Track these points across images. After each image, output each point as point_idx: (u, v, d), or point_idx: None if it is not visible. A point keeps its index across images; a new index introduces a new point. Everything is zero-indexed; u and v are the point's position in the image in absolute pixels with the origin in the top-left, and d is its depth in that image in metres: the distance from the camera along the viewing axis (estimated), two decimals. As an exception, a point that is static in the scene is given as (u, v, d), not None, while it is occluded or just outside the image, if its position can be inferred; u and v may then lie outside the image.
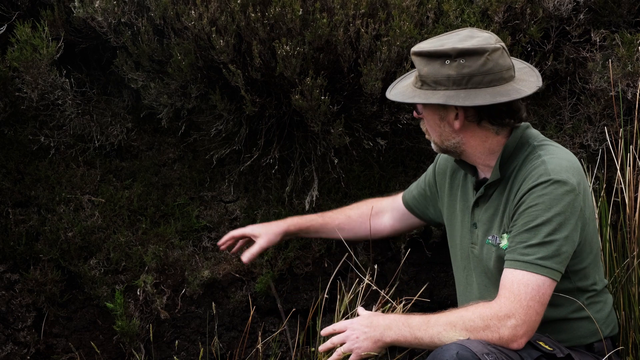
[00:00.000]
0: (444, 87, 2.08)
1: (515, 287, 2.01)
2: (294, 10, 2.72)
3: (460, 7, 2.91)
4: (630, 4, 3.03)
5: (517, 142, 2.17)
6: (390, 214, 2.68)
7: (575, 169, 2.10)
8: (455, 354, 1.90)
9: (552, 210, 2.03)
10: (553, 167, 2.07)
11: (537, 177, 2.07)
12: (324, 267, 3.03)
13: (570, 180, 2.05)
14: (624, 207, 2.65)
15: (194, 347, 3.06)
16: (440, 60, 2.07)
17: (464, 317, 2.02)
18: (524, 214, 2.06)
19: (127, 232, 3.07)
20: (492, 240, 2.19)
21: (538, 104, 3.09)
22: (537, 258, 2.01)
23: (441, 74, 2.07)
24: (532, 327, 2.00)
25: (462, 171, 2.35)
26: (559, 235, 2.02)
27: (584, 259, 2.15)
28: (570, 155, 2.15)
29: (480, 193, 2.23)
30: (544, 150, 2.14)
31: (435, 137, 2.22)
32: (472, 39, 2.09)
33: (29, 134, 3.08)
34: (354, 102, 2.94)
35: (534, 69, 2.21)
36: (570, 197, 2.04)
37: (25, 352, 3.00)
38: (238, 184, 3.14)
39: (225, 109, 2.92)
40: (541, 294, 2.00)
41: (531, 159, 2.13)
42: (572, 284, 2.14)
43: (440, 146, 2.23)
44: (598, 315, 2.18)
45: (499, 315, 1.99)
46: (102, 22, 2.88)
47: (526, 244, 2.03)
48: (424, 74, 2.10)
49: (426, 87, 2.11)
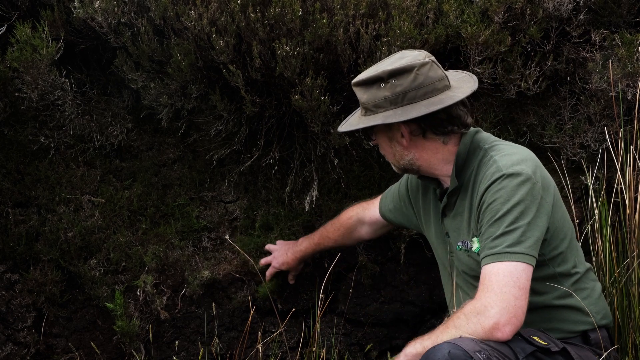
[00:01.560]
0: (383, 109, 2.21)
1: (487, 279, 2.05)
2: (294, 11, 2.72)
3: (460, 8, 2.91)
4: (630, 4, 3.03)
5: (467, 148, 2.26)
6: (368, 225, 2.83)
7: (529, 160, 2.17)
8: (447, 352, 1.91)
9: (511, 201, 2.09)
10: (504, 163, 2.15)
11: (491, 176, 2.14)
12: (324, 267, 3.03)
13: (524, 171, 2.12)
14: (624, 207, 2.65)
15: (194, 347, 3.06)
16: (376, 85, 2.21)
17: (452, 319, 2.07)
18: (486, 212, 2.13)
19: (127, 232, 3.07)
20: (463, 246, 2.26)
21: (538, 104, 3.09)
22: (504, 247, 2.05)
23: (378, 97, 2.21)
24: (513, 313, 2.00)
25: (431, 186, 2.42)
26: (521, 222, 2.07)
27: (559, 244, 2.20)
28: (522, 149, 2.23)
29: (444, 202, 2.32)
30: (494, 150, 2.22)
31: (390, 159, 2.34)
32: (401, 59, 2.22)
33: (29, 134, 3.08)
34: (354, 102, 2.93)
35: (472, 76, 2.32)
36: (527, 187, 2.10)
37: (25, 353, 3.00)
38: (238, 184, 3.14)
39: (225, 109, 2.92)
40: (515, 278, 2.02)
41: (485, 161, 2.21)
42: (553, 269, 2.19)
43: (397, 166, 2.35)
44: (586, 301, 2.22)
45: (477, 308, 2.02)
46: (102, 23, 2.88)
47: (492, 238, 2.08)
48: (364, 101, 2.25)
49: (369, 113, 2.24)
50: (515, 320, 2.00)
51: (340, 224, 2.85)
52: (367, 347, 3.06)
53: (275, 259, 2.98)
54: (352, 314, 3.08)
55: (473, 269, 2.23)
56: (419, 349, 2.05)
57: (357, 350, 3.08)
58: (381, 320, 3.09)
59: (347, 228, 2.84)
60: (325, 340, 3.04)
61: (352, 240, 2.89)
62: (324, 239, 2.90)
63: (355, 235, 2.86)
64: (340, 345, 3.06)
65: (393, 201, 2.68)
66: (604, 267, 2.62)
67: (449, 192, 2.29)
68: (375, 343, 3.09)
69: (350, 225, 2.84)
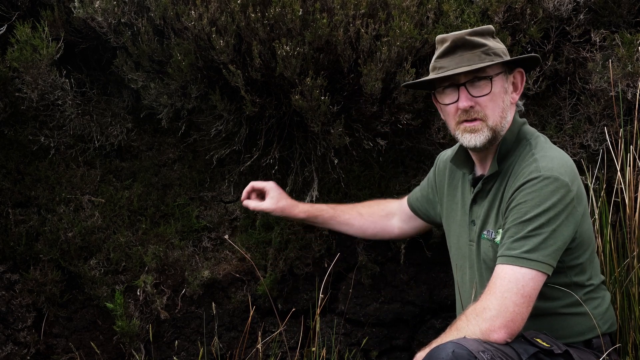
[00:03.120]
0: (507, 57, 2.21)
1: (493, 281, 2.04)
2: (294, 11, 2.72)
3: (460, 7, 2.91)
4: (630, 4, 3.03)
5: (515, 136, 2.22)
6: (399, 217, 2.73)
7: (568, 167, 2.13)
8: (451, 352, 1.90)
9: (542, 206, 2.05)
10: (544, 165, 2.10)
11: (528, 174, 2.10)
12: (324, 267, 3.03)
13: (562, 177, 2.07)
14: (624, 207, 2.65)
15: (194, 347, 3.06)
16: (491, 36, 2.22)
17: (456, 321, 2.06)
18: (514, 210, 2.09)
19: (127, 232, 3.07)
20: (487, 235, 2.22)
21: (538, 104, 3.09)
22: (522, 252, 2.03)
23: (499, 48, 2.21)
24: (511, 318, 1.99)
25: (460, 172, 2.37)
26: (546, 228, 2.04)
27: (581, 255, 2.17)
28: (564, 155, 2.19)
29: (478, 188, 2.26)
30: (538, 148, 2.17)
31: (497, 116, 2.18)
32: None
33: (29, 134, 3.09)
34: (354, 102, 2.94)
35: None
36: (561, 194, 2.06)
37: (25, 353, 3.00)
38: (238, 184, 3.14)
39: (225, 109, 2.92)
40: (520, 285, 2.01)
41: (526, 157, 2.16)
42: (569, 278, 2.17)
43: (494, 128, 2.19)
44: (596, 312, 2.20)
45: (477, 310, 2.02)
46: (102, 23, 2.88)
47: (513, 239, 2.06)
48: (492, 46, 2.18)
49: (496, 59, 2.18)
50: (512, 325, 1.99)
51: (372, 210, 2.73)
52: (363, 343, 3.06)
53: (272, 198, 2.73)
54: (352, 314, 3.08)
55: (493, 260, 2.18)
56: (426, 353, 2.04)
57: (357, 350, 3.08)
58: (381, 320, 3.09)
59: (382, 208, 2.72)
60: (325, 340, 3.04)
61: (380, 226, 2.72)
62: (346, 213, 2.72)
63: (387, 223, 2.72)
64: (340, 345, 3.06)
65: (421, 190, 2.65)
66: (604, 267, 2.62)
67: (486, 177, 2.23)
68: (375, 343, 3.09)
69: (384, 207, 2.72)
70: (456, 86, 2.16)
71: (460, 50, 2.16)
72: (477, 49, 2.15)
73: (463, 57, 2.15)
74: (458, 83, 2.16)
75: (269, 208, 2.72)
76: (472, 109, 2.16)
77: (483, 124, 2.16)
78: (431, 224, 2.70)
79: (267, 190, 2.75)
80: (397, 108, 2.92)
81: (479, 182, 2.26)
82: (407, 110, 2.91)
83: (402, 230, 2.75)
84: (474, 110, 2.16)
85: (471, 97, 2.15)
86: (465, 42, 2.16)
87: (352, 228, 2.74)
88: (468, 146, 2.21)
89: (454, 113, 2.19)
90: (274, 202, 2.71)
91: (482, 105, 2.16)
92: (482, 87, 2.15)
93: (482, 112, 2.16)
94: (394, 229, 2.75)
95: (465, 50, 2.15)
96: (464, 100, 2.15)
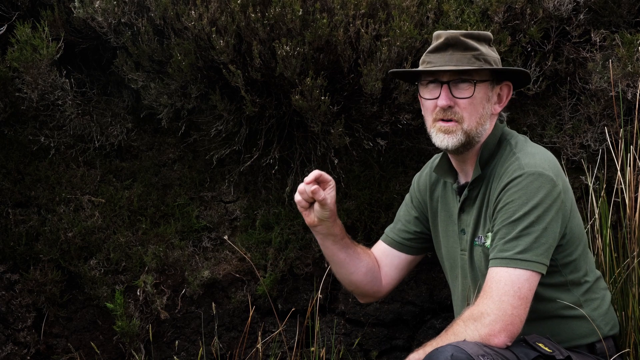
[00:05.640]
0: (496, 66, 2.19)
1: (488, 285, 2.02)
2: (294, 11, 2.72)
3: (460, 7, 2.91)
4: (630, 4, 3.03)
5: (497, 139, 2.21)
6: (385, 268, 2.51)
7: (551, 162, 2.12)
8: (450, 355, 1.88)
9: (529, 203, 2.04)
10: (527, 161, 2.09)
11: (512, 173, 2.08)
12: (324, 267, 3.03)
13: (546, 172, 2.07)
14: (624, 207, 2.65)
15: (194, 347, 3.06)
16: (487, 43, 2.20)
17: (452, 326, 2.04)
18: (502, 210, 2.07)
19: (127, 232, 3.07)
20: (479, 241, 2.20)
21: (538, 104, 3.09)
22: (515, 253, 2.01)
23: (492, 56, 2.19)
24: (510, 322, 1.98)
25: (440, 184, 2.36)
26: (537, 226, 2.02)
27: (573, 251, 2.15)
28: (545, 151, 2.18)
29: (465, 196, 2.23)
30: (518, 147, 2.17)
31: (473, 121, 2.15)
32: None
33: (29, 134, 3.09)
34: (354, 102, 2.94)
35: None
36: (547, 189, 2.05)
37: (25, 353, 3.00)
38: (238, 184, 3.14)
39: (225, 109, 2.92)
40: (517, 287, 1.99)
41: (508, 156, 2.15)
42: (564, 277, 2.15)
43: (469, 133, 2.15)
44: (595, 313, 2.18)
45: (474, 315, 2.00)
46: (102, 23, 2.88)
47: (505, 240, 2.04)
48: (484, 52, 2.16)
49: (486, 65, 2.16)
50: (512, 327, 1.98)
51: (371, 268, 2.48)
52: (355, 342, 3.06)
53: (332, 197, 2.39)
54: (352, 314, 3.08)
55: (486, 266, 2.15)
56: (421, 355, 2.00)
57: (357, 350, 3.08)
58: (381, 320, 3.09)
59: (374, 260, 2.48)
60: (325, 340, 3.04)
61: (371, 278, 2.47)
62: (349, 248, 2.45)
63: (377, 276, 2.48)
64: (340, 345, 3.06)
65: (403, 217, 2.47)
66: (604, 267, 2.62)
67: (471, 183, 2.21)
68: (375, 343, 3.09)
69: (378, 276, 2.48)
70: (440, 83, 2.15)
71: (452, 49, 2.15)
72: (469, 51, 2.14)
73: (453, 57, 2.14)
74: (442, 80, 2.15)
75: (331, 204, 2.38)
76: (451, 109, 2.15)
77: (458, 126, 2.14)
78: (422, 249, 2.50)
79: (330, 185, 2.37)
80: (397, 108, 2.92)
81: (465, 189, 2.23)
82: (407, 110, 2.91)
83: (392, 277, 2.53)
84: (452, 111, 2.15)
85: (451, 97, 2.14)
86: (458, 42, 2.15)
87: (356, 268, 2.45)
88: (440, 146, 2.18)
89: (432, 109, 2.18)
90: (333, 200, 2.40)
91: (460, 107, 2.14)
92: (464, 90, 2.14)
93: (459, 114, 2.14)
94: (386, 283, 2.53)
95: (456, 50, 2.15)
96: (444, 98, 2.14)
